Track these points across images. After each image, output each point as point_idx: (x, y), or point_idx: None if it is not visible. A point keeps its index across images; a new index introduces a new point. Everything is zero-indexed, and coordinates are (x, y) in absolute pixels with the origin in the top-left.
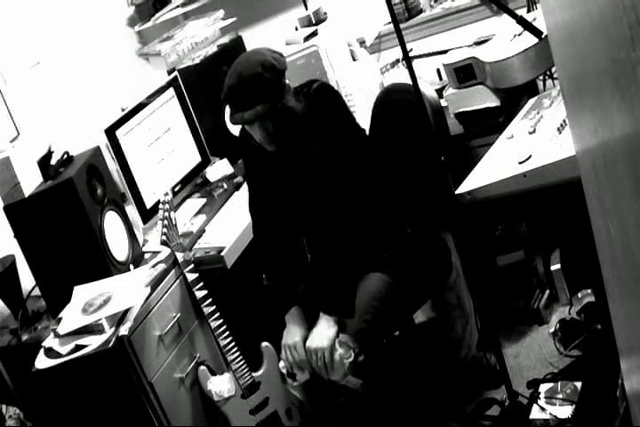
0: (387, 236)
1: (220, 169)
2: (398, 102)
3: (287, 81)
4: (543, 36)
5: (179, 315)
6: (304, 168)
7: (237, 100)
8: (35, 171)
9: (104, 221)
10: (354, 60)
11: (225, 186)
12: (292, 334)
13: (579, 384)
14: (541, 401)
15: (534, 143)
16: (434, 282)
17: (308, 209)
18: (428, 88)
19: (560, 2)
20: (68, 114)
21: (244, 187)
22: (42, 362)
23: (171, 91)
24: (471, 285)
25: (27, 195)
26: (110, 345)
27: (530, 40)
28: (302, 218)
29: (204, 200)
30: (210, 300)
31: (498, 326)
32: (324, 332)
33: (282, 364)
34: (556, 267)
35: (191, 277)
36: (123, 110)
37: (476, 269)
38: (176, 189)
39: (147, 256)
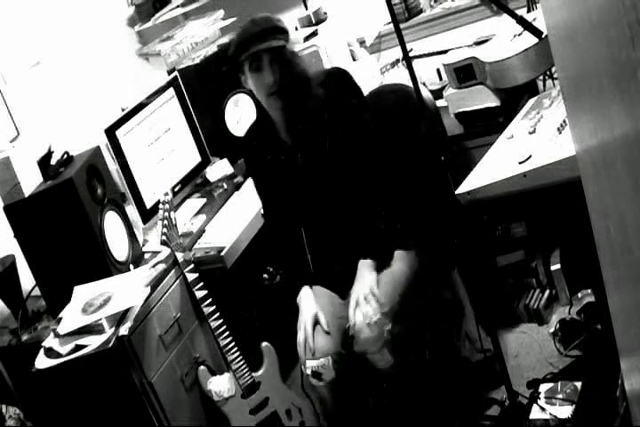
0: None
1: (219, 169)
2: (391, 102)
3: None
4: (543, 36)
5: (179, 315)
6: (318, 159)
7: (252, 35)
8: (35, 171)
9: (104, 221)
10: (354, 60)
11: (225, 186)
12: (307, 311)
13: (579, 384)
14: (541, 401)
15: (534, 143)
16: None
17: (315, 202)
18: (422, 89)
19: (560, 2)
20: (68, 114)
21: (244, 187)
22: (42, 362)
23: (171, 91)
24: (471, 284)
25: (27, 195)
26: (110, 345)
27: (530, 40)
28: (306, 210)
29: (204, 200)
30: (210, 300)
31: (497, 326)
32: (366, 276)
33: (307, 363)
34: (556, 267)
35: (191, 277)
36: (123, 110)
37: (475, 269)
38: (176, 189)
39: (147, 256)
